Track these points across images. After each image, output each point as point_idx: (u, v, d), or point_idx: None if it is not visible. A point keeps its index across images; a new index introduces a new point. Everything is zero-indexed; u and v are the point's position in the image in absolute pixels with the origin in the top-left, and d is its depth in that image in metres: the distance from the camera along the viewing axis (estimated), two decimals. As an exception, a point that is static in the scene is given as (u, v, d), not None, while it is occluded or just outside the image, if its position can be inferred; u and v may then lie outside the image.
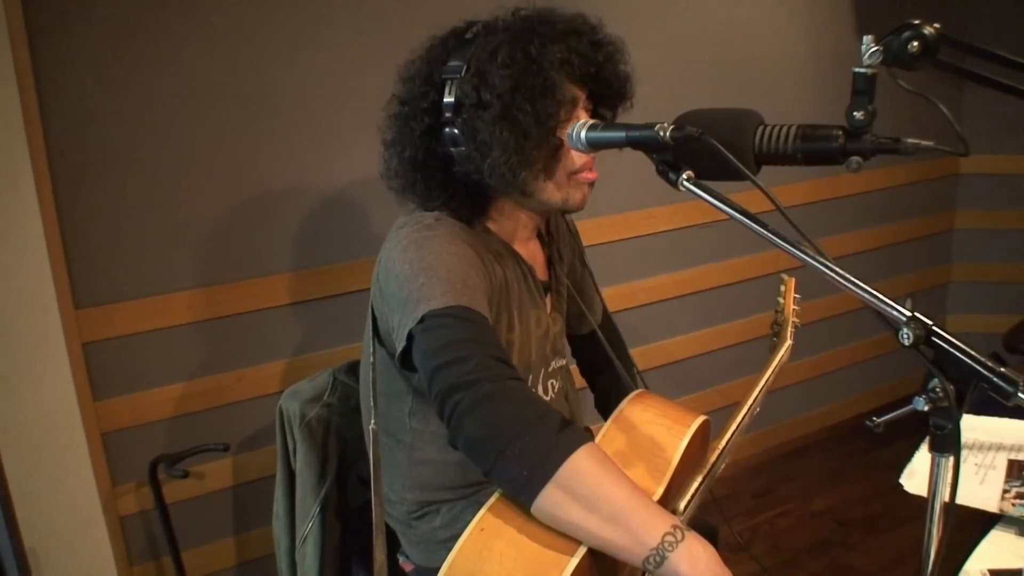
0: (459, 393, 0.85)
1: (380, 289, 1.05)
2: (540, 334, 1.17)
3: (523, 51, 0.98)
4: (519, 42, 0.99)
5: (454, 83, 1.01)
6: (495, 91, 0.98)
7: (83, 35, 1.44)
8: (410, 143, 1.06)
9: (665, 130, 0.82)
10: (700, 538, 0.78)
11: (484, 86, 0.98)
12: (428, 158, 1.06)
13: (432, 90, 1.03)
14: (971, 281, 3.09)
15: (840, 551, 2.21)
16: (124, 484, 1.62)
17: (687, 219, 2.30)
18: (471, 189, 1.06)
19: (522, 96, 0.98)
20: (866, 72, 0.73)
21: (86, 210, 1.49)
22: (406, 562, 1.23)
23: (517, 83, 0.97)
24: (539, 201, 1.09)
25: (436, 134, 1.04)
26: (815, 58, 2.47)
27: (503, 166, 0.99)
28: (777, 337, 1.40)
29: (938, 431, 0.70)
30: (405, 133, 1.07)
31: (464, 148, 1.02)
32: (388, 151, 1.11)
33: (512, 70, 0.98)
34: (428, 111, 1.04)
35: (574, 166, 1.06)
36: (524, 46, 0.98)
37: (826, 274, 0.74)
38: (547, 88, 0.99)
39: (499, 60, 0.98)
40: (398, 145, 1.08)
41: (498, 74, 0.98)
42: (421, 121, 1.04)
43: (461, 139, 1.02)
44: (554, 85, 0.99)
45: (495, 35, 1.01)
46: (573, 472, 0.80)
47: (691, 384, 2.48)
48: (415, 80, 1.06)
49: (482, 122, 0.98)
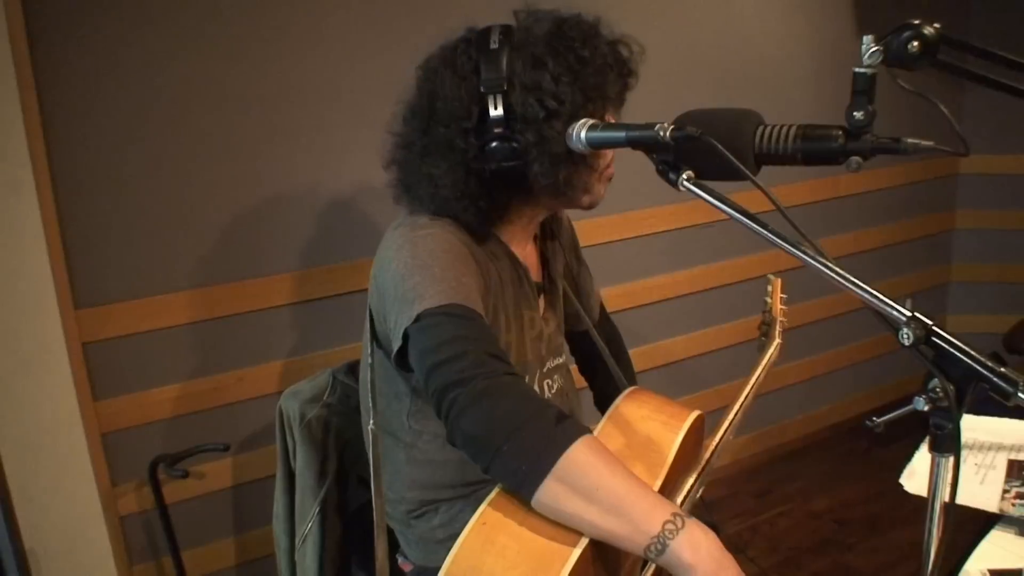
0: (455, 390, 0.85)
1: (376, 289, 1.05)
2: (535, 335, 1.17)
3: (576, 56, 0.99)
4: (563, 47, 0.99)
5: (498, 96, 0.99)
6: (560, 99, 0.97)
7: (83, 35, 1.44)
8: (459, 163, 1.01)
9: (665, 130, 0.83)
10: (701, 524, 0.79)
11: (546, 96, 0.97)
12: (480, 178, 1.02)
13: (474, 106, 1.00)
14: (971, 281, 3.08)
15: (840, 551, 2.21)
16: (124, 484, 1.62)
17: (687, 219, 2.30)
18: (503, 198, 1.06)
19: (585, 97, 0.98)
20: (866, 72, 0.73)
21: (86, 210, 1.49)
22: (405, 562, 1.23)
23: (581, 88, 0.98)
24: (569, 203, 1.10)
25: (480, 151, 1.01)
26: (815, 58, 2.47)
27: (574, 174, 1.01)
28: (766, 337, 1.41)
29: (938, 431, 0.70)
30: (451, 155, 1.02)
31: (527, 162, 0.99)
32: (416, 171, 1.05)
33: (571, 76, 0.98)
34: (474, 130, 1.00)
35: (604, 164, 1.08)
36: (574, 51, 0.99)
37: (826, 274, 0.74)
38: (602, 88, 1.00)
39: (551, 68, 0.98)
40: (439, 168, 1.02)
41: (558, 82, 0.97)
42: (471, 141, 1.01)
43: (511, 151, 0.99)
44: (608, 84, 1.01)
45: (529, 43, 1.00)
46: (571, 464, 0.80)
47: (690, 384, 2.48)
48: (449, 99, 1.01)
49: (556, 132, 0.96)
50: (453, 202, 1.03)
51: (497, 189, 1.05)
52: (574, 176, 1.03)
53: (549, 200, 1.10)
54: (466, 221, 1.06)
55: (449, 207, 1.04)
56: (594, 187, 1.09)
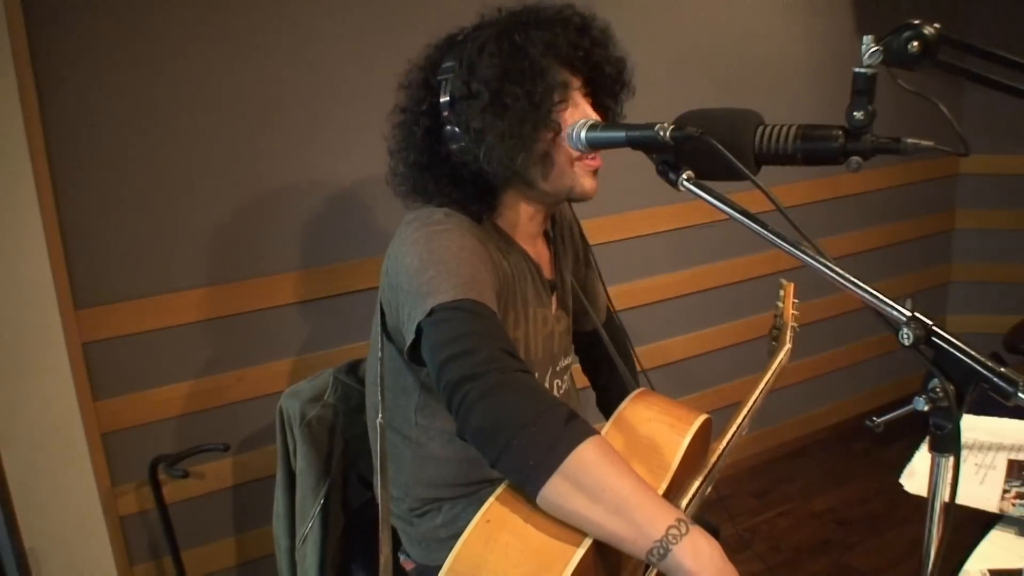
0: (468, 384, 0.85)
1: (389, 283, 1.05)
2: (546, 333, 1.17)
3: (508, 40, 1.01)
4: (505, 33, 1.01)
5: (447, 82, 1.04)
6: (483, 80, 1.00)
7: (83, 34, 1.44)
8: (414, 147, 1.09)
9: (665, 130, 0.83)
10: (705, 533, 0.78)
11: (473, 78, 1.01)
12: (433, 159, 1.08)
13: (429, 93, 1.07)
14: (971, 281, 3.08)
15: (840, 551, 2.21)
16: (124, 484, 1.62)
17: (687, 219, 2.30)
18: (478, 184, 1.08)
19: (510, 81, 0.99)
20: (866, 72, 0.73)
21: (86, 210, 1.49)
22: (407, 560, 1.23)
23: (504, 69, 0.99)
24: (545, 190, 1.09)
25: (437, 135, 1.07)
26: (815, 58, 2.47)
27: (499, 150, 1.00)
28: (776, 341, 1.40)
29: (938, 431, 0.70)
30: (408, 138, 1.10)
31: (463, 142, 1.04)
32: (394, 158, 1.14)
33: (499, 58, 1.00)
34: (427, 113, 1.07)
35: (576, 151, 1.07)
36: (510, 35, 1.01)
37: (826, 274, 0.74)
38: (535, 71, 1.00)
39: (486, 51, 1.01)
40: (404, 151, 1.11)
41: (486, 64, 1.00)
42: (421, 124, 1.08)
43: (458, 134, 1.04)
44: (541, 68, 1.00)
45: (483, 31, 1.04)
46: (579, 463, 0.80)
47: (690, 384, 2.48)
48: (413, 86, 1.10)
49: (473, 111, 1.00)
50: (435, 188, 1.08)
51: (476, 176, 1.07)
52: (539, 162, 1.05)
53: (524, 188, 1.10)
54: (461, 205, 1.08)
55: (432, 193, 1.08)
56: (568, 174, 1.07)
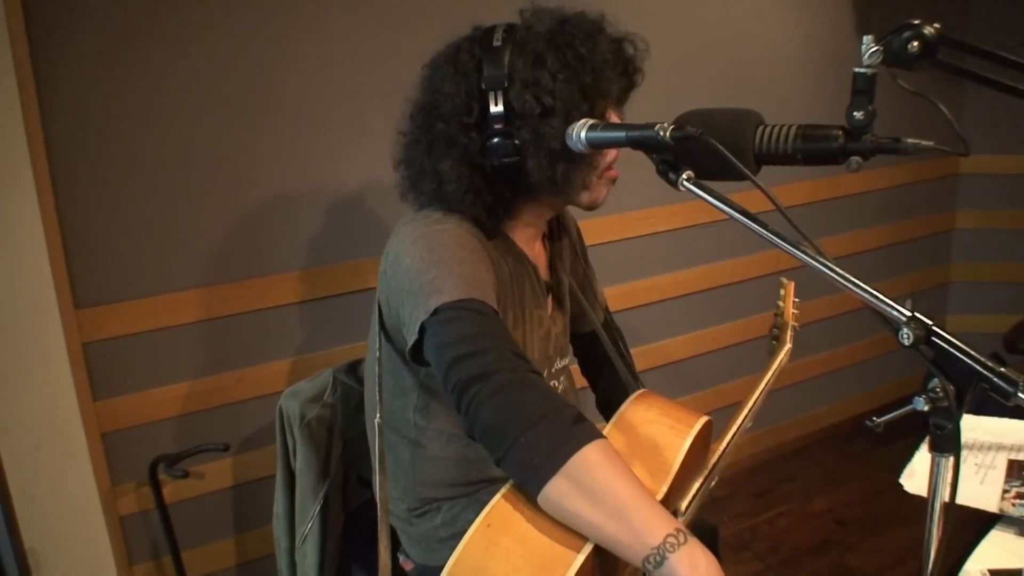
0: (478, 384, 0.85)
1: (388, 283, 1.05)
2: (542, 334, 1.17)
3: (573, 52, 0.99)
4: (568, 45, 1.00)
5: (499, 93, 1.00)
6: (556, 96, 0.98)
7: (83, 34, 1.44)
8: (464, 160, 1.03)
9: (665, 130, 0.83)
10: (703, 546, 0.78)
11: (543, 93, 0.98)
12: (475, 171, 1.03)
13: (475, 103, 1.02)
14: (971, 281, 3.08)
15: (840, 551, 2.21)
16: (124, 484, 1.62)
17: (687, 219, 2.30)
18: (507, 192, 1.07)
19: (582, 95, 0.99)
20: (866, 72, 0.73)
21: (86, 210, 1.49)
22: (406, 561, 1.23)
23: (579, 86, 0.99)
24: (568, 201, 1.10)
25: (483, 147, 1.03)
26: (815, 58, 2.47)
27: (572, 171, 1.01)
28: (776, 341, 1.40)
29: (938, 431, 0.70)
30: (453, 151, 1.03)
31: (524, 158, 1.01)
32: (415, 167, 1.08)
33: (568, 73, 0.99)
34: (475, 126, 1.02)
35: (605, 164, 1.08)
36: (573, 47, 1.00)
37: (826, 274, 0.74)
38: (600, 87, 1.00)
39: (550, 64, 0.99)
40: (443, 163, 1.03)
41: (556, 79, 0.98)
42: (472, 136, 1.02)
43: (509, 145, 1.01)
44: (606, 83, 1.01)
45: (530, 40, 1.01)
46: (583, 464, 0.80)
47: (690, 384, 2.48)
48: (451, 96, 1.03)
49: (552, 129, 0.98)
50: (458, 197, 1.04)
51: (500, 185, 1.05)
52: (572, 173, 1.03)
53: (550, 197, 1.11)
54: (474, 215, 1.06)
55: (454, 202, 1.05)
56: (594, 186, 1.09)
